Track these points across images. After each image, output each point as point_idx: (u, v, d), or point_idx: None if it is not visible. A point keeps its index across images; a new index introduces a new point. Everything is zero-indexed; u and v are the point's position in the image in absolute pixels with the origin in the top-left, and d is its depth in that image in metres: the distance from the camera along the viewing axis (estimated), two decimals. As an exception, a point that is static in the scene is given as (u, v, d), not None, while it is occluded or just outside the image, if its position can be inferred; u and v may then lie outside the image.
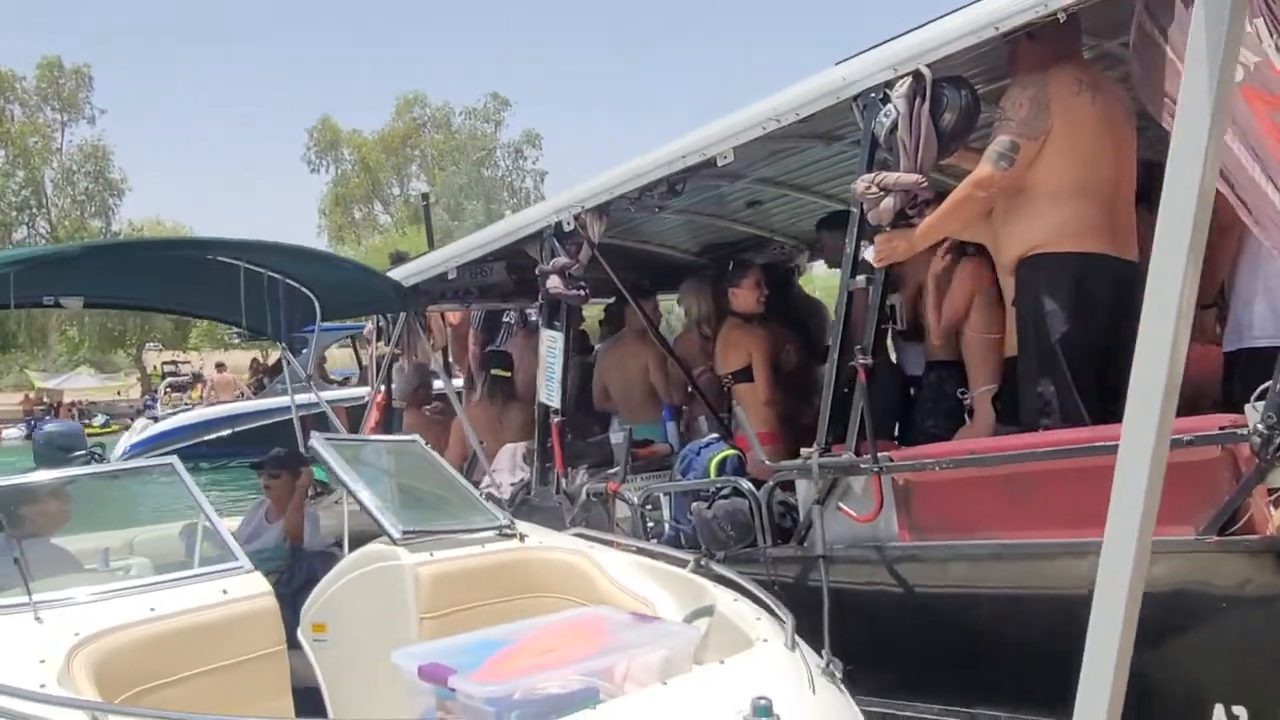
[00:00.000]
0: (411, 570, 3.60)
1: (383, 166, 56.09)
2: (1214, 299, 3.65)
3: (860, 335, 3.61)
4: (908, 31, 3.47)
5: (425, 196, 13.25)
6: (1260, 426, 2.55)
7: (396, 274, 5.71)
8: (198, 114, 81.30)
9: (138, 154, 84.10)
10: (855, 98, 3.57)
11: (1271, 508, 2.69)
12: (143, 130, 78.51)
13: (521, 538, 4.01)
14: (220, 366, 25.32)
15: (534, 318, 7.13)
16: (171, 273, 5.18)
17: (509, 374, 6.32)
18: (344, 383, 15.32)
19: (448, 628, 3.49)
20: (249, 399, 18.22)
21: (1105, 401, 3.40)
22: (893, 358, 4.77)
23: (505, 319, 7.18)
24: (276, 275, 5.15)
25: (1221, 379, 3.77)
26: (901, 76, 3.40)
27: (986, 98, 3.57)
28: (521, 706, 2.40)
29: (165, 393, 31.91)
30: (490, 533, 3.98)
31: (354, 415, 6.76)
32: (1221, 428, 2.73)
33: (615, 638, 2.81)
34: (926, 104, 3.31)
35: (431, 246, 7.65)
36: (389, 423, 6.16)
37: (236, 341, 42.60)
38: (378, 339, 6.50)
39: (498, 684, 2.46)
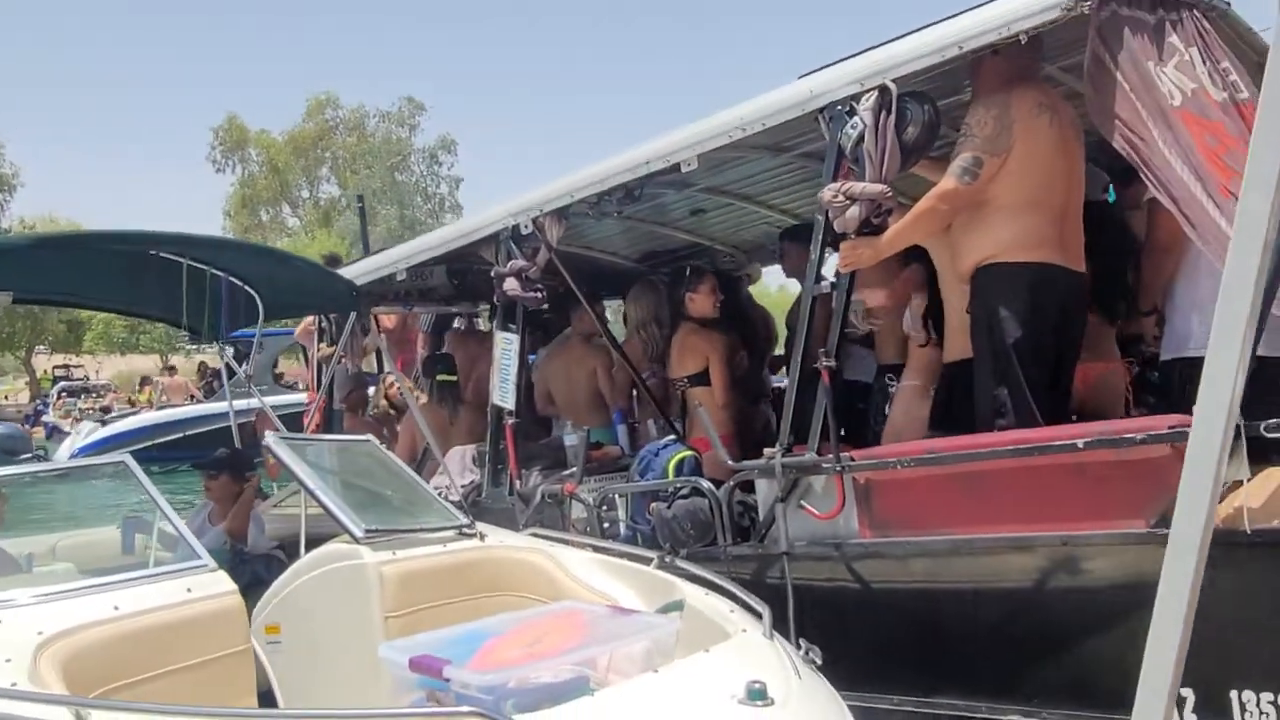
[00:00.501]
0: (375, 569, 3.59)
1: (292, 168, 54.83)
2: (1153, 307, 3.90)
3: (822, 339, 3.74)
4: (873, 47, 3.62)
5: (360, 199, 13.08)
6: (1207, 425, 2.72)
7: (343, 274, 5.66)
8: (99, 107, 78.48)
9: (32, 149, 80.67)
10: (822, 109, 3.70)
11: (1219, 501, 2.88)
12: (38, 124, 75.49)
13: (481, 537, 4.04)
14: (171, 370, 24.68)
15: (480, 323, 7.16)
16: (110, 268, 5.03)
17: (455, 378, 6.31)
18: (294, 388, 15.06)
19: (412, 626, 3.50)
20: (200, 402, 17.94)
21: (1055, 402, 3.59)
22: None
23: (456, 325, 7.17)
24: (220, 273, 5.06)
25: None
26: (867, 90, 3.54)
27: (945, 111, 3.73)
28: (516, 695, 2.43)
29: (59, 398, 30.68)
30: (450, 532, 3.99)
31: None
32: (1170, 427, 2.91)
33: (598, 629, 2.86)
34: (892, 117, 3.46)
35: (367, 249, 7.58)
36: (329, 426, 6.08)
37: (137, 344, 41.34)
38: (319, 340, 6.41)
39: (493, 673, 2.49)
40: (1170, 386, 3.66)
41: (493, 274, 5.01)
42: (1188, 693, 2.82)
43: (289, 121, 55.70)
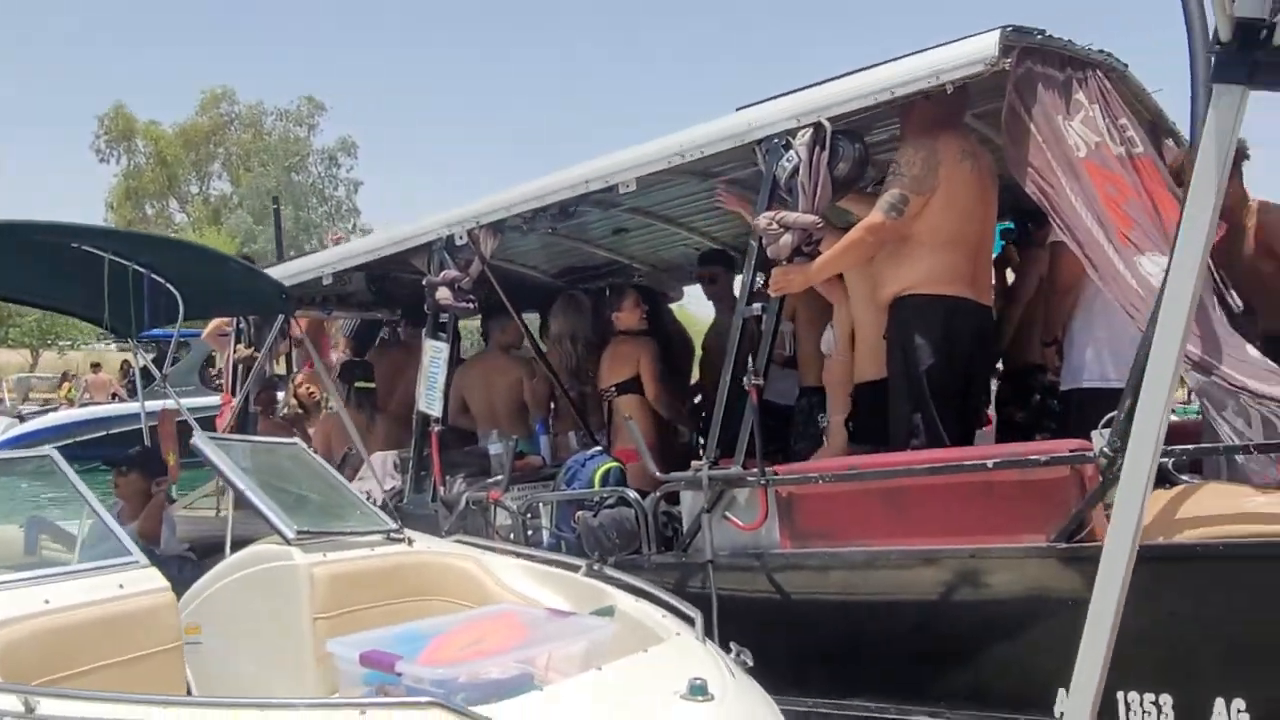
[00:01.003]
0: (306, 570, 3.63)
1: (181, 162, 53.15)
2: (1054, 339, 4.22)
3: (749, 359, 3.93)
4: (808, 86, 3.85)
5: (275, 200, 12.86)
6: (1105, 449, 2.99)
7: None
8: (-28, 85, 74.24)
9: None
10: (759, 141, 3.91)
11: (1108, 519, 3.17)
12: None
13: (409, 542, 4.09)
14: (95, 366, 23.70)
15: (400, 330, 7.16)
16: (26, 259, 4.92)
17: (373, 385, 6.32)
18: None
19: (340, 628, 3.53)
20: (123, 400, 17.27)
21: (965, 424, 3.86)
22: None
23: (384, 333, 7.17)
24: (141, 269, 4.99)
25: None
26: (803, 126, 3.76)
27: (874, 149, 3.99)
28: (466, 689, 2.52)
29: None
30: (378, 536, 4.03)
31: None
32: (1071, 450, 3.19)
33: (537, 630, 2.97)
34: (825, 153, 3.69)
35: (281, 250, 7.52)
36: (244, 428, 6.01)
37: (6, 339, 39.25)
38: (236, 342, 6.33)
39: (444, 668, 2.58)
40: (1068, 414, 3.97)
41: (424, 283, 5.06)
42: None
43: (181, 114, 54.07)
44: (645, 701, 2.50)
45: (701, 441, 5.41)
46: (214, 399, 8.06)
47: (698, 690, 2.45)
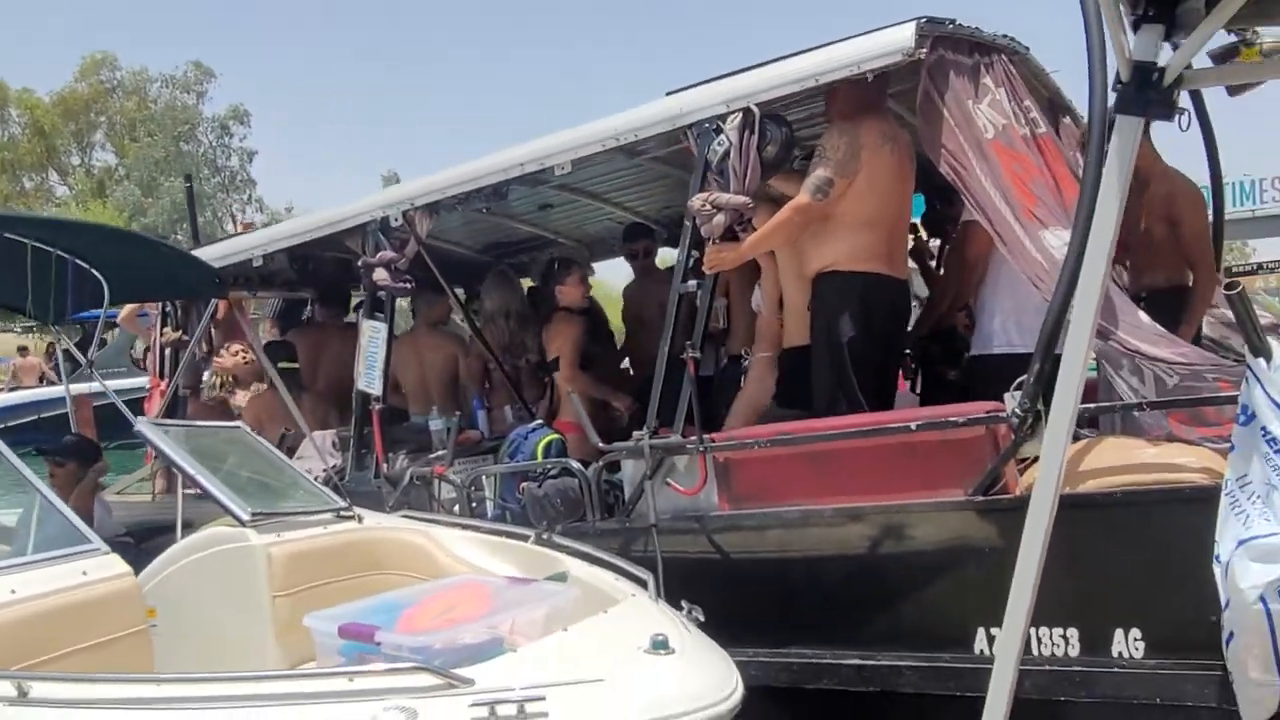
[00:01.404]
0: (263, 550, 3.73)
1: (60, 132, 50.75)
2: (965, 305, 4.54)
3: (687, 332, 4.15)
4: (738, 71, 4.04)
5: (188, 177, 12.50)
6: (1017, 410, 3.29)
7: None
8: None
9: None
10: (690, 126, 4.10)
11: (1020, 474, 3.48)
12: None
13: (359, 519, 4.20)
14: (23, 350, 22.52)
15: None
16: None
17: (296, 365, 6.35)
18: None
19: (299, 605, 3.64)
20: (53, 384, 16.47)
21: (883, 389, 4.14)
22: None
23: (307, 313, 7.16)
24: (65, 255, 4.94)
25: None
26: (733, 111, 3.96)
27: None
28: (443, 655, 2.68)
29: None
30: (329, 515, 4.14)
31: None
32: (986, 412, 3.48)
33: (501, 597, 3.14)
34: (754, 136, 3.89)
35: (196, 230, 7.43)
36: (173, 410, 6.00)
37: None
38: (163, 324, 6.27)
39: (422, 635, 2.74)
40: (976, 377, 4.29)
41: (360, 264, 5.13)
42: (996, 630, 3.38)
43: (58, 81, 51.58)
44: (611, 658, 2.69)
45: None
46: (139, 380, 7.92)
47: (660, 645, 2.66)
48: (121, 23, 68.16)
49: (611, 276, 7.77)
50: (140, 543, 5.08)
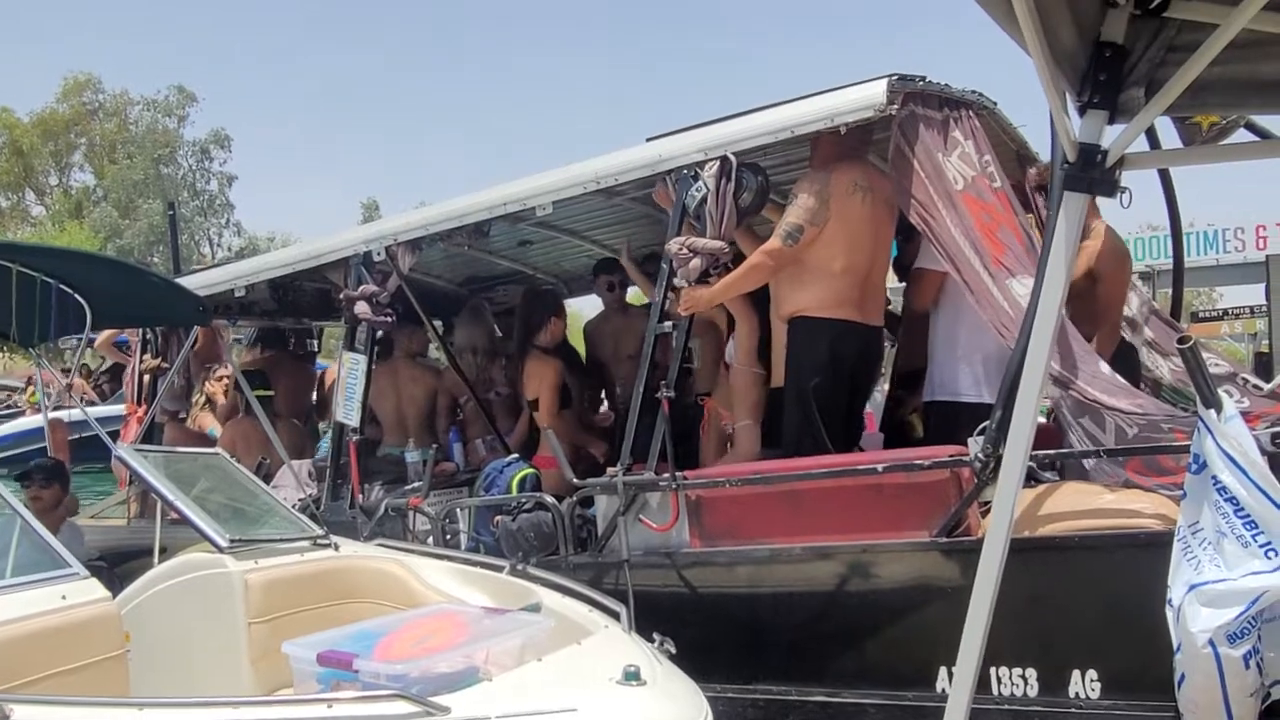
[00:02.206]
0: (240, 577, 3.78)
1: (39, 152, 50.55)
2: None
3: (662, 372, 4.25)
4: (717, 120, 4.18)
5: (172, 205, 12.48)
6: (980, 455, 3.41)
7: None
8: None
9: None
10: (669, 172, 4.23)
11: (982, 517, 3.59)
12: None
13: (336, 547, 4.26)
14: (66, 372, 22.06)
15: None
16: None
17: (270, 392, 6.40)
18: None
19: (275, 632, 3.70)
20: (94, 404, 16.11)
21: (849, 433, 4.24)
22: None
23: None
24: (50, 280, 4.99)
25: None
26: (711, 159, 4.09)
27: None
28: (420, 683, 2.74)
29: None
30: (306, 542, 4.19)
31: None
32: (950, 456, 3.59)
33: (477, 627, 3.20)
34: (731, 184, 4.03)
35: (177, 258, 7.49)
36: (149, 437, 6.03)
37: None
38: (142, 351, 6.31)
39: (399, 664, 2.80)
40: (930, 423, 4.42)
41: (342, 296, 5.21)
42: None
43: (38, 101, 51.48)
44: (585, 687, 2.77)
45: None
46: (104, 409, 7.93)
47: (631, 676, 2.74)
48: (107, 47, 68.24)
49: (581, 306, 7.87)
50: (114, 567, 5.10)
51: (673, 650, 3.20)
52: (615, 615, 3.43)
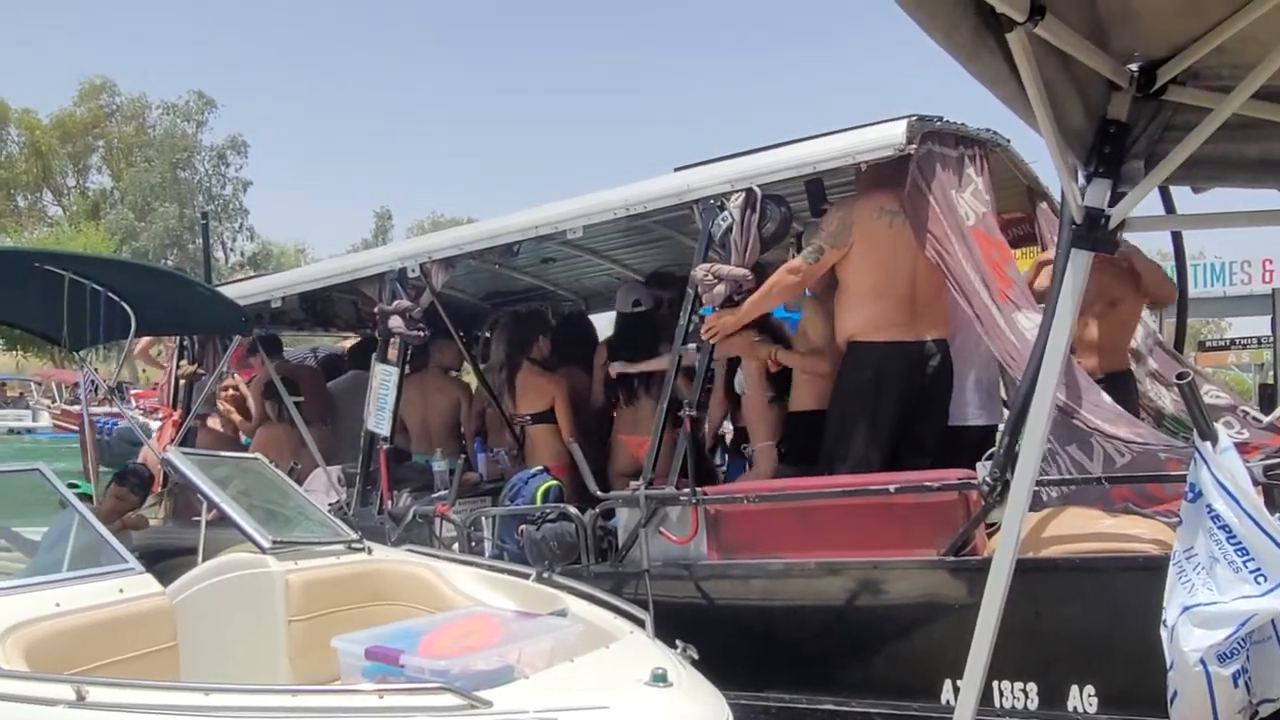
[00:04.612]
0: (281, 577, 3.97)
1: (57, 153, 51.09)
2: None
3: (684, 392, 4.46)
4: (743, 153, 4.40)
5: (204, 215, 12.73)
6: (988, 478, 3.60)
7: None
8: None
9: None
10: (696, 201, 4.44)
11: (988, 538, 3.78)
12: None
13: (369, 551, 4.45)
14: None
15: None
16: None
17: (301, 399, 6.60)
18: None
19: (313, 631, 3.90)
20: None
21: (899, 451, 4.34)
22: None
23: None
24: (99, 287, 5.23)
25: None
26: (736, 190, 4.30)
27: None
28: (461, 679, 2.93)
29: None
30: (341, 545, 4.39)
31: None
32: (959, 478, 3.78)
33: (511, 629, 3.40)
34: (755, 215, 4.23)
35: (209, 267, 7.72)
36: (186, 440, 6.24)
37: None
38: (179, 357, 6.54)
39: (443, 660, 2.99)
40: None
41: (376, 310, 5.43)
42: (961, 683, 3.65)
43: (57, 104, 52.03)
44: (615, 687, 2.95)
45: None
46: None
47: (659, 678, 2.92)
48: (127, 52, 68.83)
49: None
50: (150, 566, 5.30)
51: (695, 656, 3.38)
52: (639, 622, 3.62)
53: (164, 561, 5.33)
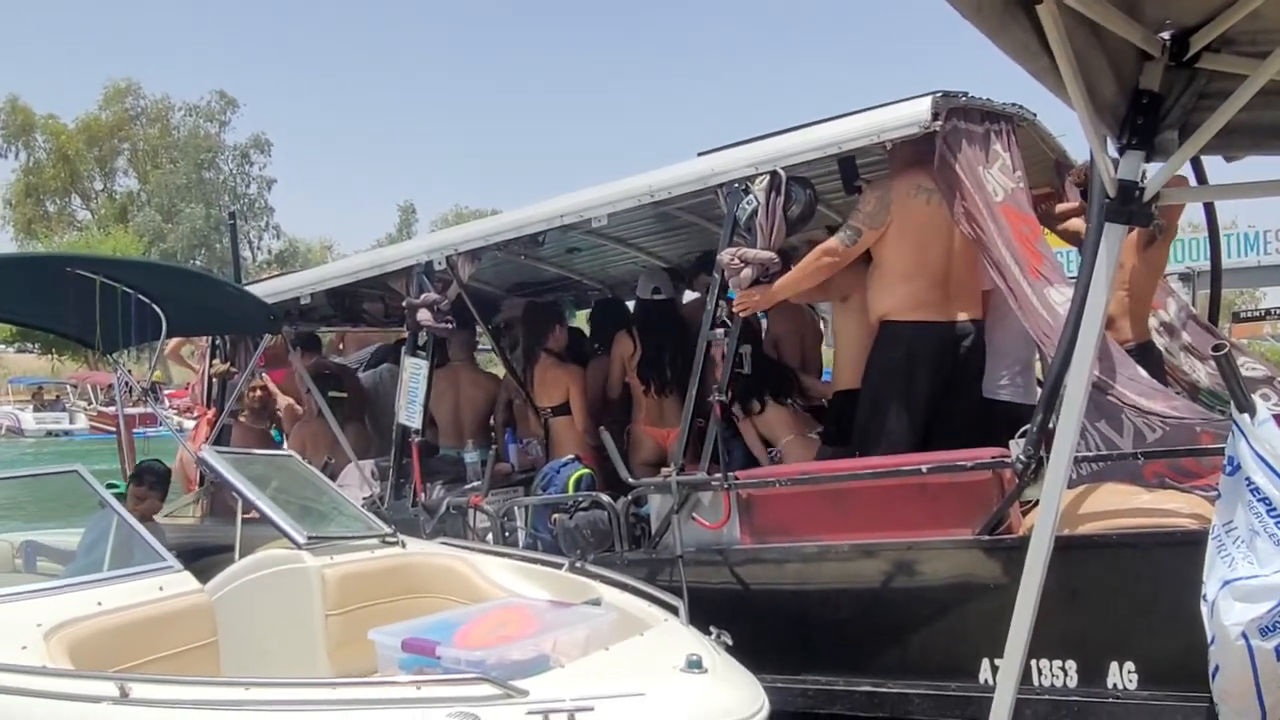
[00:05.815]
0: (317, 572, 4.01)
1: (84, 158, 51.69)
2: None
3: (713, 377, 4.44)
4: (766, 136, 4.36)
5: (233, 215, 12.81)
6: (1021, 456, 3.56)
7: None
8: None
9: None
10: (720, 185, 4.42)
11: (1023, 516, 3.75)
12: None
13: (403, 544, 4.49)
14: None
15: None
16: (18, 282, 5.18)
17: (344, 395, 6.65)
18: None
19: (349, 624, 3.94)
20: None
21: (930, 430, 4.31)
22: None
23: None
24: (129, 290, 5.29)
25: None
26: (761, 174, 4.27)
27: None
28: (498, 669, 2.95)
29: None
30: (375, 540, 4.42)
31: None
32: (992, 457, 3.75)
33: (546, 618, 3.41)
34: (780, 198, 4.20)
35: (238, 266, 7.77)
36: (219, 436, 6.31)
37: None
38: (211, 356, 6.61)
39: (478, 651, 3.01)
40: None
41: (404, 304, 5.45)
42: (999, 661, 3.63)
43: (82, 108, 52.66)
44: (651, 674, 2.96)
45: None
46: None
47: (694, 665, 2.93)
48: (148, 53, 69.36)
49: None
50: (189, 563, 5.38)
51: (729, 642, 3.38)
52: (673, 609, 3.62)
53: (202, 559, 5.41)
